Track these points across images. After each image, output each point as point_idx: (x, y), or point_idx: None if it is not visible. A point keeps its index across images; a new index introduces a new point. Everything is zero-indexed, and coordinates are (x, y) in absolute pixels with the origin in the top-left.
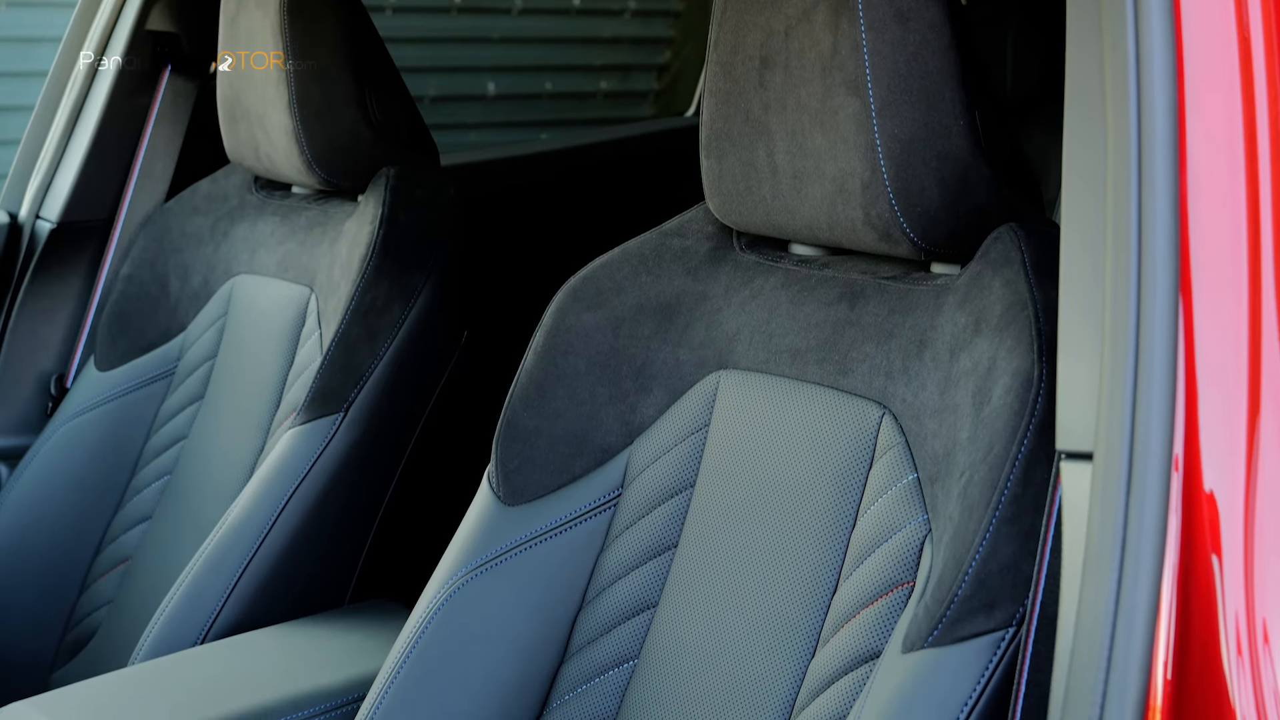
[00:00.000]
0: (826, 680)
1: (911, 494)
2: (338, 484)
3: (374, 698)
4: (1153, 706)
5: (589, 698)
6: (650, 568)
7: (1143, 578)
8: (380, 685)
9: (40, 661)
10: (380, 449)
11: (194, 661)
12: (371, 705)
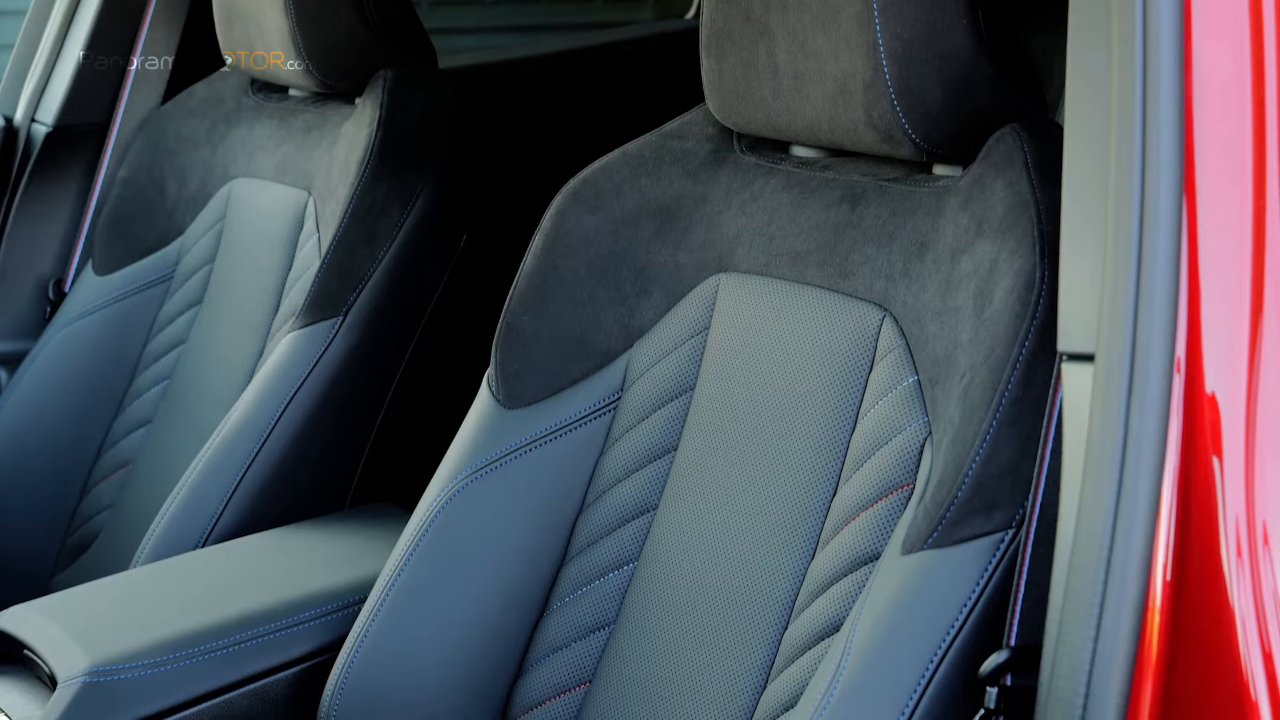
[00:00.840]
0: (826, 582)
1: (912, 396)
2: (337, 387)
3: (375, 599)
4: (1152, 607)
5: (589, 600)
6: (650, 471)
7: (1143, 479)
8: (381, 587)
9: (42, 565)
10: (380, 352)
11: (195, 564)
12: (373, 607)
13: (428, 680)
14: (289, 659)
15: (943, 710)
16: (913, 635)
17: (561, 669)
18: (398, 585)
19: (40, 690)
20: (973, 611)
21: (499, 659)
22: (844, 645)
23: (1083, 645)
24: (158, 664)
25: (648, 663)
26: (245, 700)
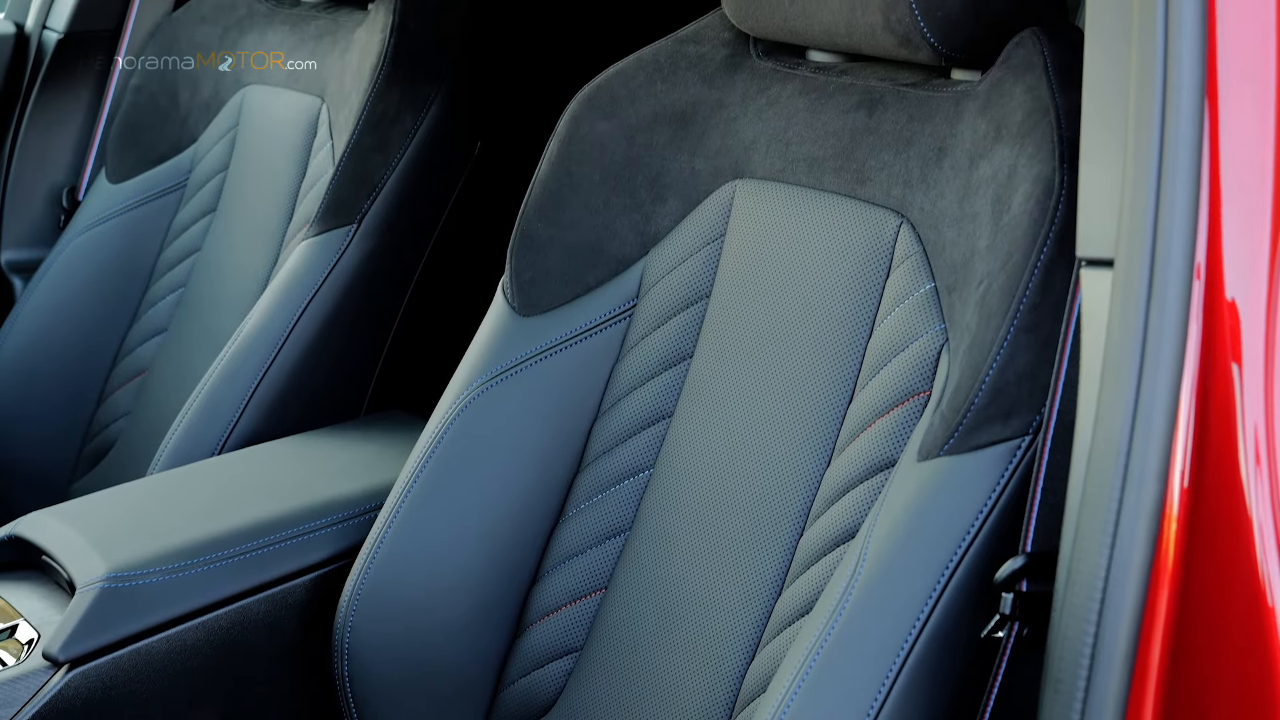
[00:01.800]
0: (841, 489)
1: (929, 303)
2: (352, 295)
3: (390, 506)
4: (1169, 514)
5: (604, 506)
6: (665, 378)
7: (1161, 385)
8: (397, 494)
9: (60, 472)
10: (394, 260)
11: (211, 471)
12: (388, 514)
13: (443, 586)
14: (305, 565)
15: (958, 616)
16: (928, 541)
17: (577, 575)
18: (413, 492)
19: (59, 595)
20: (989, 517)
21: (514, 565)
22: (859, 551)
23: (1099, 551)
24: (175, 569)
25: (663, 569)
26: (262, 606)
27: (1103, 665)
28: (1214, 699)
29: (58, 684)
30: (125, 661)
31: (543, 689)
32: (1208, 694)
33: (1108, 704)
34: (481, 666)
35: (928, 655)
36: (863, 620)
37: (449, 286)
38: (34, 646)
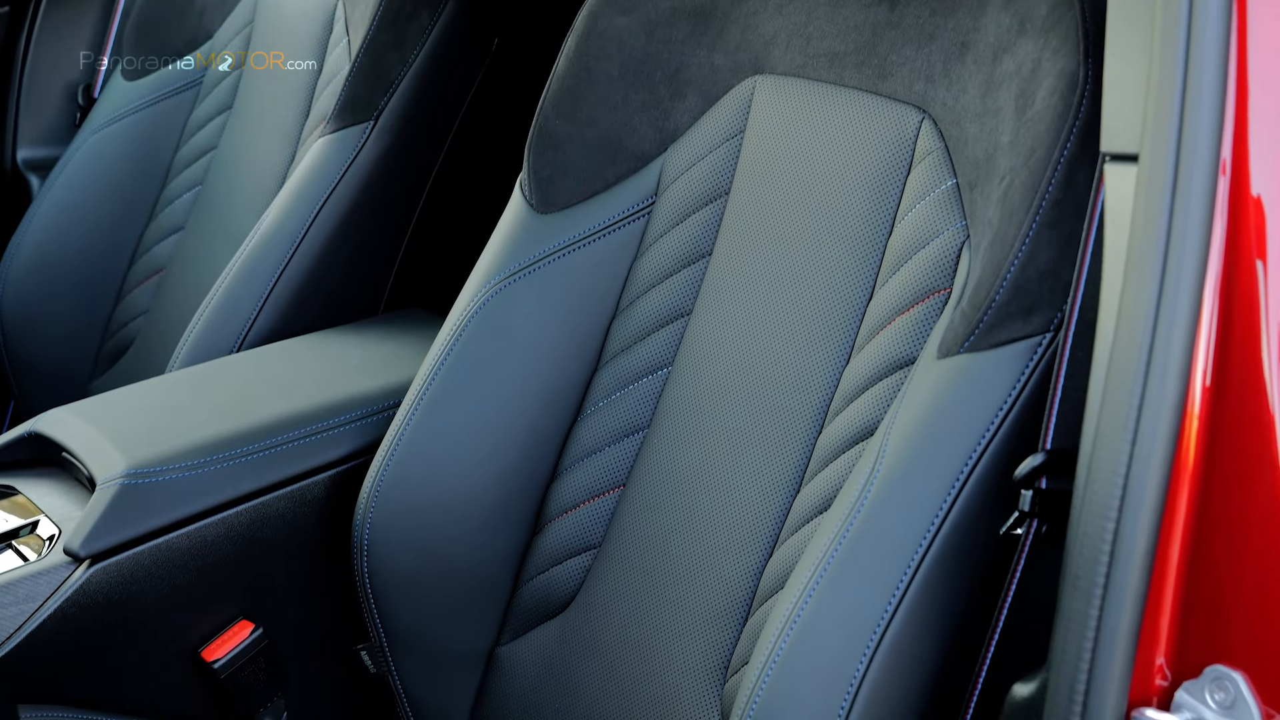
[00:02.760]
0: (860, 387)
1: (950, 199)
2: (369, 193)
3: (409, 404)
4: (1190, 412)
5: (622, 404)
6: (684, 276)
7: (1184, 282)
8: (415, 392)
9: (79, 370)
10: (411, 158)
11: (229, 369)
12: (407, 411)
13: (461, 483)
14: (324, 462)
15: (977, 513)
16: (948, 439)
17: (595, 473)
18: (431, 390)
19: (79, 492)
20: (1009, 415)
21: (533, 463)
22: (878, 449)
23: (1120, 448)
24: (194, 466)
25: (681, 467)
26: (281, 503)
27: (1122, 562)
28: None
29: (79, 579)
30: (146, 557)
31: (561, 585)
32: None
33: (1126, 601)
34: (500, 563)
35: (946, 552)
36: (881, 517)
37: (466, 184)
38: (55, 542)
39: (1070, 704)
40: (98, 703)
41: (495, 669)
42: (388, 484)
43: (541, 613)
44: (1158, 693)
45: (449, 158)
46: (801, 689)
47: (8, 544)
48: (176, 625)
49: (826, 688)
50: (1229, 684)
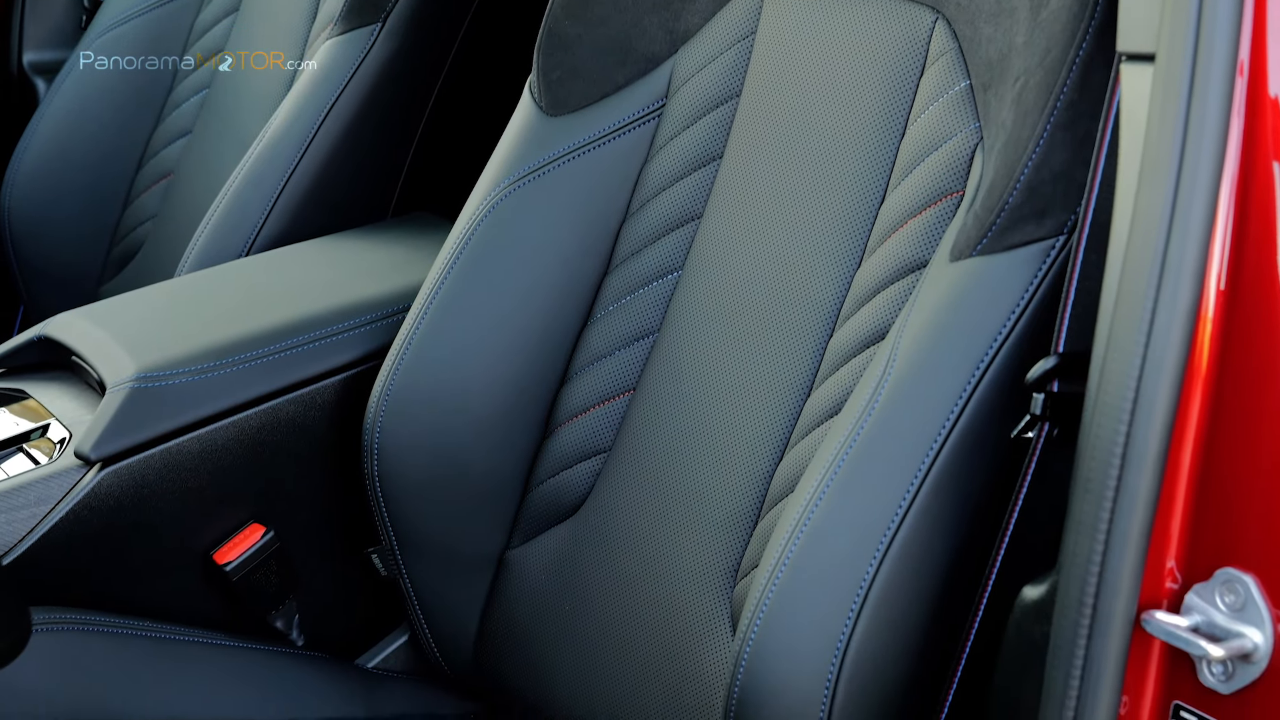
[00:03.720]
0: (872, 290)
1: (963, 101)
2: (377, 96)
3: (418, 308)
4: (1204, 316)
5: (632, 309)
6: (694, 179)
7: (1200, 184)
8: (424, 295)
9: (88, 275)
10: (420, 60)
11: (239, 273)
12: (416, 315)
13: (471, 387)
14: (334, 366)
15: (988, 416)
16: (960, 341)
17: (605, 377)
18: (441, 293)
19: (89, 396)
20: (1021, 318)
21: (543, 367)
22: (889, 352)
23: (1133, 351)
24: (204, 370)
25: (692, 371)
26: (292, 407)
27: (1133, 465)
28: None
29: (90, 482)
30: (157, 461)
31: (571, 489)
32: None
33: (1138, 504)
34: (510, 467)
35: (957, 456)
36: (892, 420)
37: (476, 86)
38: (66, 446)
39: (1080, 606)
40: (110, 605)
41: (505, 572)
42: (398, 388)
43: (552, 516)
44: (1168, 595)
45: (457, 60)
46: (811, 592)
47: (19, 447)
48: (187, 528)
49: (836, 590)
50: (1239, 587)
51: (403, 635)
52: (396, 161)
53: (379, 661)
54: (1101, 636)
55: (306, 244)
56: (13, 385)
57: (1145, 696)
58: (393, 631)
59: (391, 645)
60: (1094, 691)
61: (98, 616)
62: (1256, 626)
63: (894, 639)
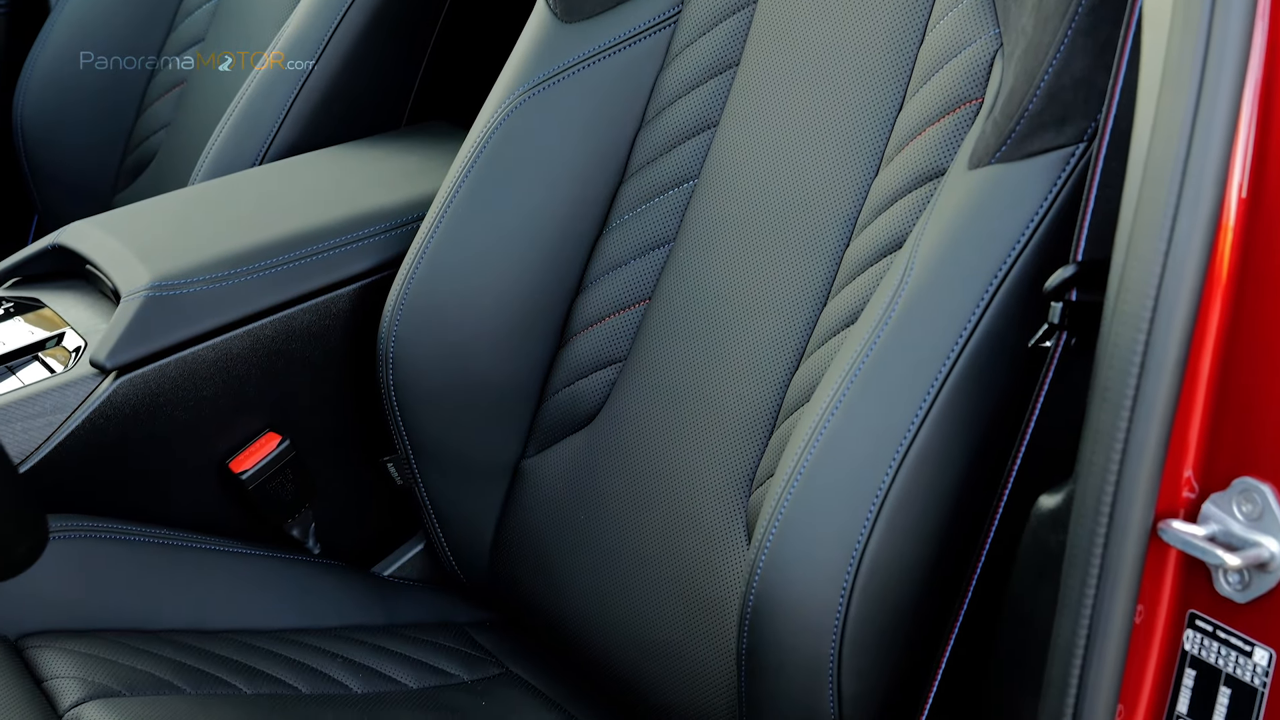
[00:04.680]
0: (889, 198)
1: (983, 7)
2: (391, 3)
3: (433, 216)
4: (1225, 225)
5: (648, 217)
6: (710, 87)
7: (1223, 91)
8: (439, 204)
9: (102, 184)
10: None
11: (252, 181)
12: (430, 224)
13: (486, 296)
14: (348, 275)
15: (1006, 325)
16: (977, 250)
17: (620, 286)
18: (455, 202)
19: (104, 304)
20: (1039, 226)
21: (558, 276)
22: (907, 260)
23: (1152, 259)
24: (219, 279)
25: (707, 280)
26: (306, 316)
27: (1152, 374)
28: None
29: (106, 391)
30: (172, 369)
31: (586, 399)
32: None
33: (1156, 412)
34: (525, 376)
35: (974, 364)
36: (909, 329)
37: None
38: (81, 355)
39: (1097, 515)
40: (127, 513)
41: (521, 481)
42: (412, 297)
43: (567, 426)
44: (1185, 505)
45: None
46: (827, 501)
47: (34, 356)
48: (203, 437)
49: (852, 499)
50: (1257, 496)
51: (418, 544)
52: (410, 69)
53: (395, 570)
54: (1118, 545)
55: (320, 153)
56: (27, 294)
57: (1161, 605)
58: (408, 540)
59: (407, 554)
60: (1110, 600)
61: (115, 524)
62: (1273, 536)
63: (910, 547)
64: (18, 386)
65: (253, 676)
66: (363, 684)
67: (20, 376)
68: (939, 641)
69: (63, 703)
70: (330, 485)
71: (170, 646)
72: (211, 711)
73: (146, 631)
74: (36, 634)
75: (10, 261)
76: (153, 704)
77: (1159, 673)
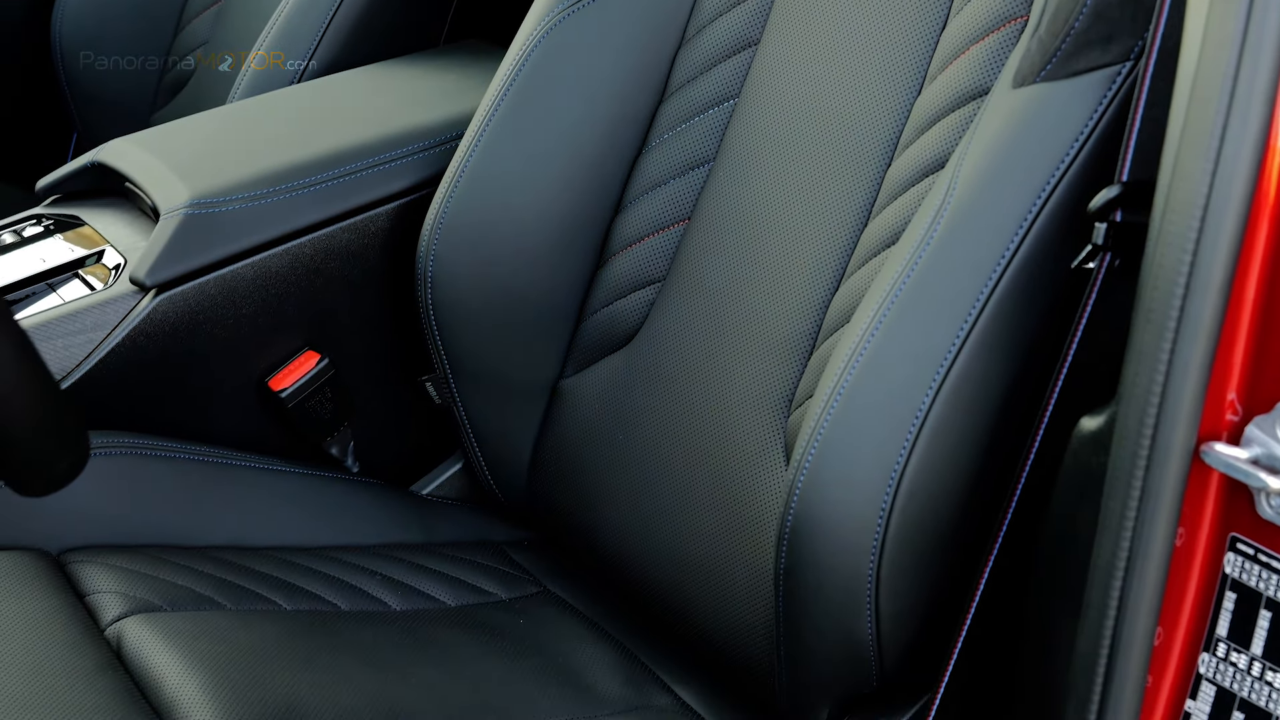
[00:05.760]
0: (932, 118)
1: None
2: None
3: (471, 135)
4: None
5: (688, 136)
6: (752, 3)
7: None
8: (477, 124)
9: (140, 102)
10: None
11: (291, 100)
12: (469, 143)
13: (525, 215)
14: (387, 194)
15: (1049, 246)
16: (1021, 170)
17: (660, 206)
18: (493, 121)
19: (143, 222)
20: (1085, 146)
21: (597, 195)
22: (949, 180)
23: (1199, 180)
24: (258, 196)
25: (746, 199)
26: (345, 235)
27: (1197, 294)
28: None
29: (146, 308)
30: (211, 287)
31: (625, 319)
32: None
33: (1200, 333)
34: (564, 296)
35: (1016, 285)
36: (951, 249)
37: None
38: (121, 272)
39: (1139, 436)
40: (167, 431)
41: (559, 401)
42: (451, 215)
43: (605, 346)
44: (1228, 427)
45: None
46: (866, 421)
47: (74, 273)
48: (243, 355)
49: (891, 420)
50: None
51: (456, 463)
52: None
53: (433, 489)
54: (1160, 467)
55: (358, 71)
56: (67, 211)
57: (1202, 528)
58: (446, 459)
59: (445, 473)
60: (1150, 522)
61: (156, 441)
62: None
63: (949, 469)
64: (58, 303)
65: (292, 592)
66: (401, 601)
67: (60, 294)
68: (977, 562)
69: (105, 617)
70: (369, 404)
71: (211, 562)
72: (252, 626)
73: (187, 547)
74: (79, 549)
75: (50, 179)
76: (194, 619)
77: (1199, 596)
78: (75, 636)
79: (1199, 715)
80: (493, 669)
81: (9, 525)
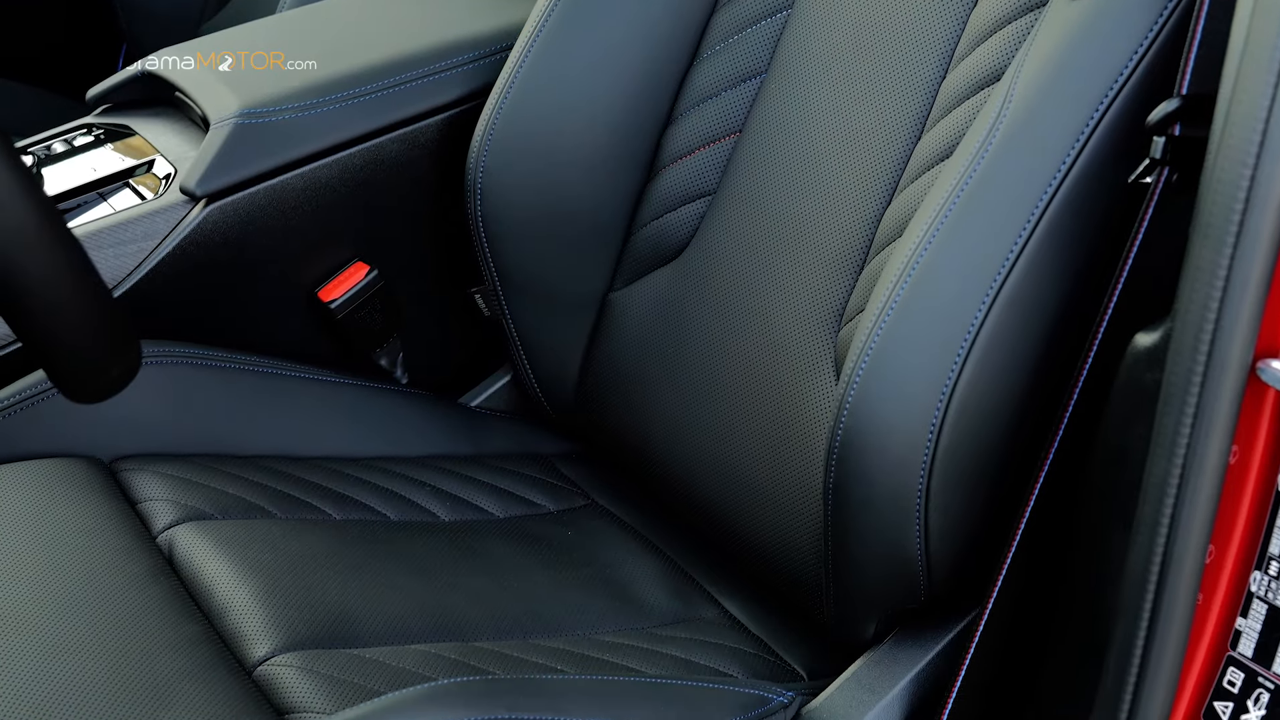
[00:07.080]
0: (988, 30)
1: None
2: None
3: (521, 47)
4: None
5: (739, 48)
6: None
7: None
8: (527, 35)
9: (189, 12)
10: None
11: (340, 10)
12: (519, 54)
13: (576, 127)
14: (437, 105)
15: (1106, 160)
16: (1078, 82)
17: (711, 118)
18: (543, 33)
19: (193, 132)
20: (1144, 59)
21: (647, 107)
22: (1005, 93)
23: (1262, 92)
24: (308, 107)
25: (798, 112)
26: (395, 145)
27: (1257, 209)
28: None
29: (196, 218)
30: (261, 197)
31: (675, 231)
32: None
33: (1259, 249)
34: (614, 209)
35: (1072, 199)
36: (1006, 162)
37: None
38: (171, 181)
39: (1195, 353)
40: (217, 341)
41: (608, 313)
42: (500, 127)
43: (655, 258)
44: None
45: None
46: (918, 334)
47: (125, 183)
48: (292, 266)
49: (944, 333)
50: None
51: (505, 375)
52: None
53: (481, 401)
54: (1215, 383)
55: None
56: (117, 120)
57: (1256, 447)
58: (495, 371)
59: (494, 385)
60: (1204, 439)
61: (206, 350)
62: None
63: (1001, 384)
64: (109, 213)
65: (342, 502)
66: (450, 512)
67: (111, 203)
68: (1028, 479)
69: (156, 524)
70: (418, 316)
71: (261, 471)
72: (302, 535)
73: (237, 456)
74: (130, 457)
75: (100, 88)
76: (244, 527)
77: (1252, 514)
78: (127, 543)
79: (1250, 633)
80: (540, 580)
81: (62, 433)
